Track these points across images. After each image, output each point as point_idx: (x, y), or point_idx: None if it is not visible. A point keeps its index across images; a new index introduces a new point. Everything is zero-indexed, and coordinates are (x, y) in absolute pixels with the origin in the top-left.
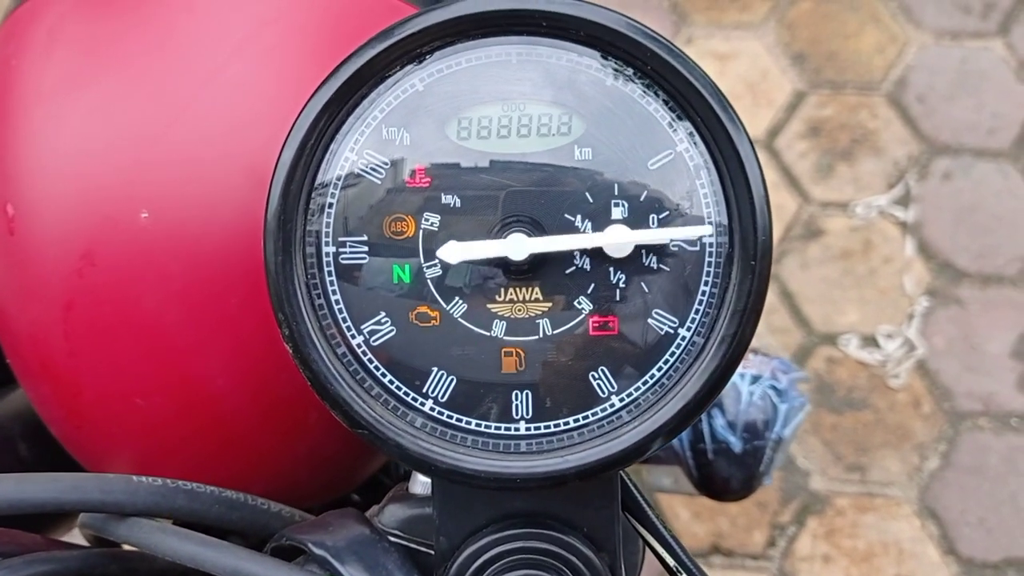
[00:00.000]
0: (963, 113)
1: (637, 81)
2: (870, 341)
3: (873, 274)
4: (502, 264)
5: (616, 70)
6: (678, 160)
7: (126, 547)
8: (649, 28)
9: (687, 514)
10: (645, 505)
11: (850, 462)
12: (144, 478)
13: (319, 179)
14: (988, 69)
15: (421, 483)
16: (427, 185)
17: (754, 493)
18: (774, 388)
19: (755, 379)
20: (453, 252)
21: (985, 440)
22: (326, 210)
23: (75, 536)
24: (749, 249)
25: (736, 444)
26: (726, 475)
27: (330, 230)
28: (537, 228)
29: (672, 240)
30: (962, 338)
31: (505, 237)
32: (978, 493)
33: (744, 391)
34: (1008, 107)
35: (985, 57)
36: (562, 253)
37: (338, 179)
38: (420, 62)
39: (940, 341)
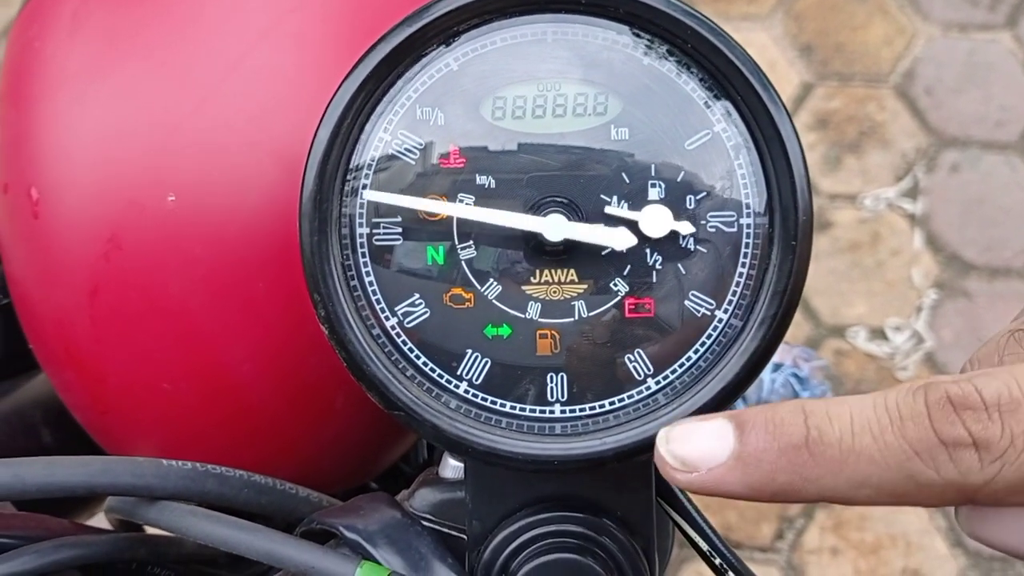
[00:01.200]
0: (971, 105)
1: (672, 60)
2: (878, 333)
3: (881, 266)
4: (537, 245)
5: (652, 48)
6: (716, 140)
7: (151, 531)
8: (689, 6)
9: None
10: (678, 490)
11: None
12: (174, 462)
13: (353, 160)
14: (996, 61)
15: (452, 467)
16: (461, 166)
17: None
18: (796, 376)
19: (777, 367)
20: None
21: None
22: (360, 192)
23: (94, 521)
24: (790, 229)
25: None
26: None
27: (364, 211)
28: (573, 209)
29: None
30: (970, 331)
31: (545, 215)
32: None
33: (766, 378)
34: (1016, 100)
35: (993, 49)
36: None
37: (372, 160)
38: (454, 41)
39: (948, 334)
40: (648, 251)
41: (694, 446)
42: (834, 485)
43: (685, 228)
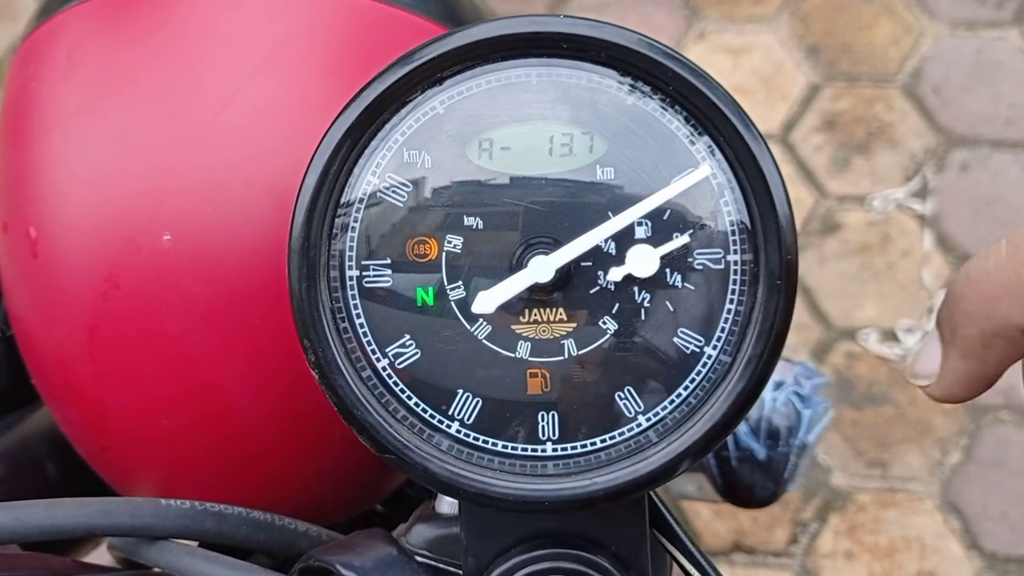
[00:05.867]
0: (980, 104)
1: (656, 99)
2: (890, 335)
3: (891, 268)
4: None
5: (636, 88)
6: (702, 179)
7: (156, 569)
8: (669, 47)
9: (708, 512)
10: (673, 522)
11: (871, 458)
12: (173, 501)
13: (343, 198)
14: (1004, 59)
15: (448, 502)
16: (449, 207)
17: (779, 500)
18: (797, 394)
19: (778, 385)
20: (487, 303)
21: (1007, 433)
22: (348, 232)
23: (96, 557)
24: (774, 268)
25: (760, 451)
26: (750, 482)
27: (353, 253)
28: (559, 248)
29: (689, 247)
30: None
31: (526, 264)
32: (1000, 487)
33: (767, 397)
34: None
35: (1001, 47)
36: (587, 273)
37: (360, 202)
38: (439, 85)
39: None
40: (636, 289)
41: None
42: None
43: (678, 242)
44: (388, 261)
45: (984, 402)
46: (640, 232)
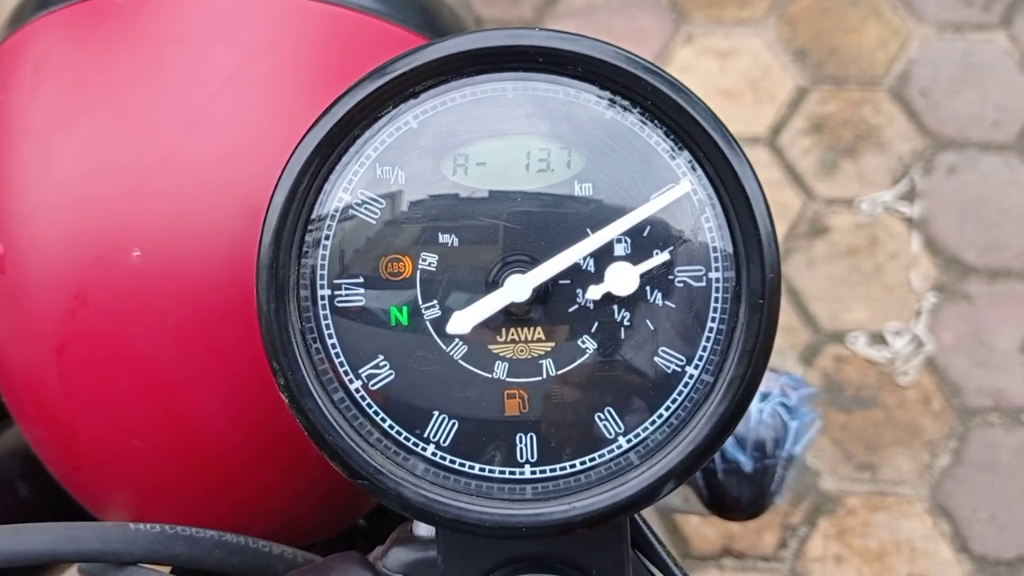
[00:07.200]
0: (967, 106)
1: (635, 113)
2: (878, 338)
3: (880, 271)
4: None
5: (614, 103)
6: (682, 195)
7: None
8: (647, 61)
9: (697, 518)
10: (655, 542)
11: (860, 461)
12: (142, 525)
13: (312, 217)
14: (991, 62)
15: (425, 525)
16: (423, 225)
17: (766, 512)
18: (784, 405)
19: (764, 396)
20: (462, 323)
21: (996, 436)
22: (320, 250)
23: None
24: (756, 286)
25: (746, 463)
26: (736, 494)
27: (325, 271)
28: (536, 266)
29: (670, 267)
30: (971, 334)
31: (502, 282)
32: (990, 490)
33: (753, 409)
34: (1012, 99)
35: (988, 50)
36: (565, 291)
37: (331, 219)
38: (414, 99)
39: (949, 337)
40: (616, 307)
41: None
42: None
43: (658, 259)
44: (361, 279)
45: (973, 404)
46: (619, 249)
